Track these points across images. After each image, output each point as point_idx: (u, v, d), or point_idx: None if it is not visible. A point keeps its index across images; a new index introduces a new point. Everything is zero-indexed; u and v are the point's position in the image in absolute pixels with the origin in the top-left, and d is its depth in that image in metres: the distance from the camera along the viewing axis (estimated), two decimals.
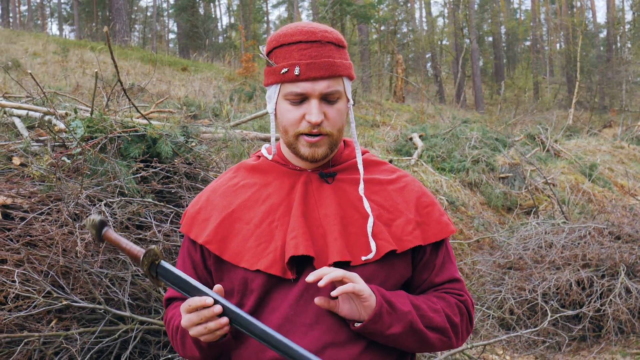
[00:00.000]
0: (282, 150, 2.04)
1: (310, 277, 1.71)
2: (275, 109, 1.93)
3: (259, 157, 2.10)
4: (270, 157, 2.06)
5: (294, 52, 1.86)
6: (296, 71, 1.84)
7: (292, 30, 1.89)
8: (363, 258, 1.85)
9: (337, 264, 1.83)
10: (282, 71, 1.86)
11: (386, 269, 1.88)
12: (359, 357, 1.81)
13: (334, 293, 1.72)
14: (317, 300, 1.74)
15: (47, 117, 5.50)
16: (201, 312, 1.72)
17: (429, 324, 1.87)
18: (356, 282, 1.74)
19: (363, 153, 2.09)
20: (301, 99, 1.86)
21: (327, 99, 1.87)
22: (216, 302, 1.72)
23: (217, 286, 1.77)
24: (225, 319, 1.71)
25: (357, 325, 1.78)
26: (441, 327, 1.90)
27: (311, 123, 1.85)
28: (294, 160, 2.01)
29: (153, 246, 1.78)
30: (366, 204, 1.92)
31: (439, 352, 5.54)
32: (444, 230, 1.98)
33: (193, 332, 1.76)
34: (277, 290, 1.86)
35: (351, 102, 1.99)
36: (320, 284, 1.70)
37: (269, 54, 1.93)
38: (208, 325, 1.73)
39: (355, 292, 1.73)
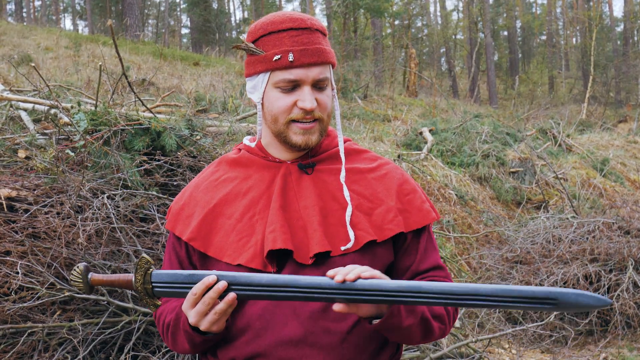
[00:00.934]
0: (263, 142, 2.05)
1: (339, 277, 1.69)
2: (262, 99, 1.93)
3: (240, 150, 2.11)
4: (253, 144, 2.06)
5: (285, 39, 1.86)
6: (290, 57, 1.84)
7: (280, 18, 1.90)
8: (342, 248, 1.85)
9: (317, 255, 1.84)
10: (275, 58, 1.85)
11: (368, 258, 1.88)
12: (340, 345, 1.82)
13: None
14: (337, 307, 1.71)
15: (52, 111, 5.56)
16: (206, 297, 1.72)
17: (433, 312, 1.88)
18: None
19: (345, 141, 2.09)
20: (292, 86, 1.87)
21: (317, 85, 1.89)
22: (218, 278, 1.73)
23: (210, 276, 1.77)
24: (232, 294, 1.72)
25: (375, 322, 1.78)
26: (441, 315, 1.91)
27: (305, 109, 1.86)
28: (274, 151, 2.01)
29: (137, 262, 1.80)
30: (346, 193, 1.93)
31: (445, 345, 5.56)
32: (426, 217, 1.99)
33: (204, 324, 1.77)
34: None
35: (335, 89, 2.00)
36: (349, 277, 1.68)
37: (254, 42, 1.92)
38: (217, 309, 1.73)
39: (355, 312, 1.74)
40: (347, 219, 1.89)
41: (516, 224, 9.56)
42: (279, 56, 1.85)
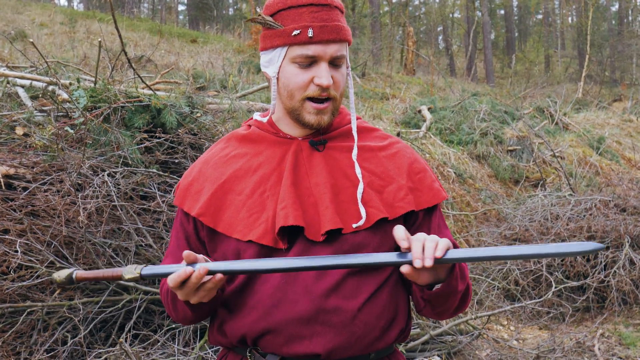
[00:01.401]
0: (274, 118, 2.01)
1: (428, 262, 1.63)
2: (278, 74, 1.89)
3: (249, 126, 2.07)
4: (265, 119, 2.02)
5: (304, 15, 1.83)
6: (310, 33, 1.81)
7: None
8: (354, 225, 1.82)
9: (328, 232, 1.81)
10: (294, 33, 1.82)
11: (379, 236, 1.85)
12: (351, 322, 1.80)
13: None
14: (404, 268, 1.66)
15: (50, 87, 5.46)
16: (188, 282, 1.69)
17: (467, 283, 1.88)
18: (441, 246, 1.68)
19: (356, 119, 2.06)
20: (310, 62, 1.84)
21: (334, 62, 1.86)
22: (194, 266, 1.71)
23: (185, 252, 1.71)
24: (219, 275, 1.70)
25: (437, 287, 1.76)
26: (470, 286, 1.91)
27: (322, 86, 1.82)
28: (285, 127, 1.98)
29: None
30: (357, 170, 1.90)
31: (444, 322, 5.54)
32: (436, 196, 1.96)
33: (195, 299, 1.75)
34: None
35: (349, 68, 1.97)
36: (438, 254, 1.65)
37: (272, 16, 1.88)
38: (206, 287, 1.72)
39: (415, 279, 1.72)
40: (359, 196, 1.86)
41: (514, 202, 9.53)
42: (298, 31, 1.82)
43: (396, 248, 1.89)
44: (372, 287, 1.85)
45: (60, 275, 1.82)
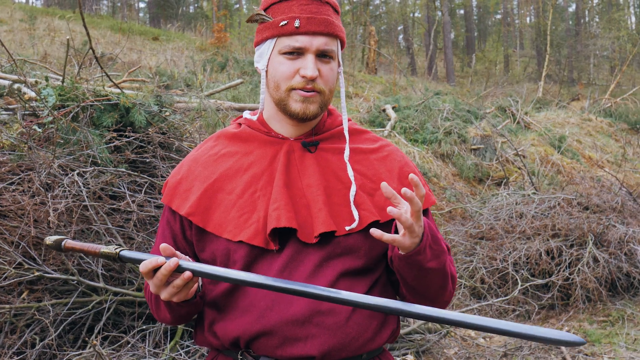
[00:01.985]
0: (265, 116, 2.00)
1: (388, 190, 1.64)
2: (267, 66, 1.90)
3: (239, 124, 2.05)
4: (255, 118, 2.01)
5: (294, 7, 1.85)
6: (296, 23, 1.82)
7: None
8: (347, 228, 1.83)
9: (322, 235, 1.81)
10: (281, 24, 1.84)
11: (370, 239, 1.85)
12: (345, 324, 1.80)
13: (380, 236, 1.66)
14: (373, 231, 1.65)
15: (16, 85, 5.35)
16: (159, 272, 1.69)
17: (451, 271, 1.89)
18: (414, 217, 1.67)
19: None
20: (297, 54, 1.84)
21: (322, 56, 1.86)
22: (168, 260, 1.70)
23: (163, 245, 1.71)
24: (188, 273, 1.69)
25: (402, 253, 1.74)
26: (454, 276, 1.91)
27: (306, 77, 1.82)
28: (277, 126, 1.97)
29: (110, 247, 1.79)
30: (350, 172, 1.89)
31: (412, 321, 5.57)
32: (427, 201, 1.95)
33: (164, 295, 1.74)
34: (260, 261, 1.83)
35: (342, 67, 1.97)
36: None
37: (265, 10, 1.91)
38: (175, 283, 1.71)
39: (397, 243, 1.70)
40: (352, 198, 1.86)
41: (479, 200, 9.62)
42: (285, 22, 1.84)
43: (387, 253, 1.90)
44: (363, 288, 1.85)
45: (50, 238, 1.85)
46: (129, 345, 4.19)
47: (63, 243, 1.84)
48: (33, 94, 4.72)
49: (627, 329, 6.30)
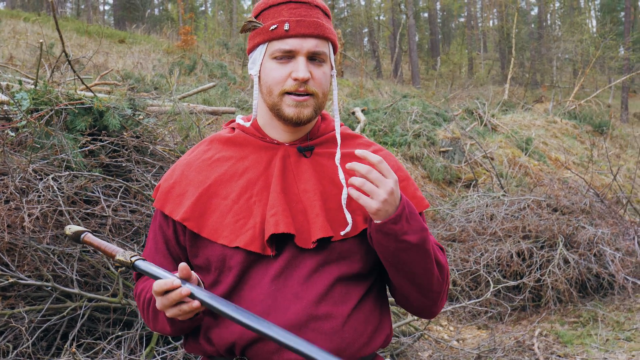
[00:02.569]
0: (260, 122, 1.99)
1: (350, 165, 1.68)
2: (260, 72, 1.90)
3: (233, 129, 2.04)
4: (248, 124, 2.00)
5: (283, 11, 1.86)
6: (285, 27, 1.83)
7: None
8: (342, 233, 1.82)
9: (319, 240, 1.81)
10: (271, 28, 1.84)
11: (366, 244, 1.85)
12: (342, 329, 1.79)
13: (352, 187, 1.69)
14: (353, 192, 1.68)
15: None
16: (170, 295, 1.68)
17: (435, 255, 1.85)
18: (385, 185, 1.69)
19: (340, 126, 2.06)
20: (288, 57, 1.85)
21: (314, 58, 1.86)
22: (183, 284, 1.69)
23: (182, 265, 1.70)
24: (196, 302, 1.68)
25: (378, 221, 1.72)
26: (443, 265, 1.88)
27: (298, 79, 1.82)
28: (272, 132, 1.96)
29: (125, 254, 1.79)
30: (341, 175, 1.89)
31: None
32: (420, 205, 1.97)
33: (169, 313, 1.73)
34: (256, 266, 1.81)
35: (334, 70, 1.97)
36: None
37: (256, 17, 1.91)
38: (182, 308, 1.70)
39: (361, 204, 1.70)
40: (343, 201, 1.86)
41: (449, 202, 9.68)
42: (275, 26, 1.84)
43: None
44: (359, 293, 1.85)
45: (71, 228, 1.88)
46: (104, 352, 4.14)
47: (82, 236, 1.86)
48: (5, 98, 4.64)
49: (599, 329, 6.39)
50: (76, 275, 4.18)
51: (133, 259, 1.75)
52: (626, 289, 7.23)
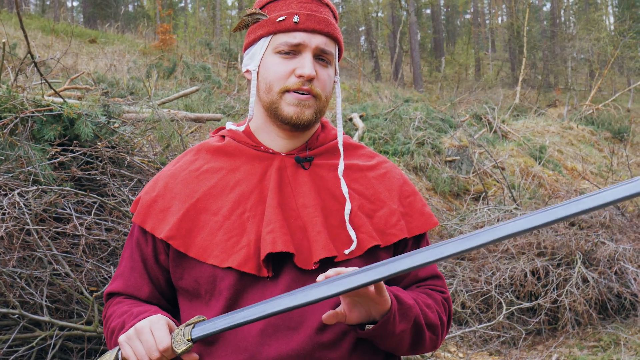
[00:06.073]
0: (252, 127, 1.99)
1: (321, 277, 1.66)
2: (259, 67, 1.91)
3: (223, 137, 2.03)
4: (242, 128, 1.99)
5: (292, 4, 1.88)
6: (295, 19, 1.84)
7: None
8: (346, 252, 1.81)
9: (322, 261, 1.79)
10: (278, 19, 1.85)
11: (371, 263, 1.80)
12: (349, 357, 1.79)
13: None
14: (325, 317, 1.68)
15: None
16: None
17: (426, 320, 1.85)
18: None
19: None
20: (294, 53, 1.85)
21: (320, 57, 1.87)
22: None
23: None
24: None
25: (369, 327, 1.74)
26: (434, 325, 1.88)
27: (303, 77, 1.82)
28: (266, 138, 1.95)
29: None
30: (344, 187, 1.89)
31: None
32: (428, 222, 1.97)
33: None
34: (251, 290, 1.79)
35: (338, 76, 1.98)
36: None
37: (261, 9, 1.93)
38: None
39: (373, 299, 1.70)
40: (347, 217, 1.85)
41: (457, 217, 9.69)
42: (283, 17, 1.85)
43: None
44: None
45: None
46: None
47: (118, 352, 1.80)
48: None
49: (621, 354, 6.38)
50: (46, 302, 4.15)
51: (193, 334, 1.72)
52: None
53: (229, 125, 2.06)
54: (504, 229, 1.57)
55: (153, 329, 1.70)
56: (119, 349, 1.78)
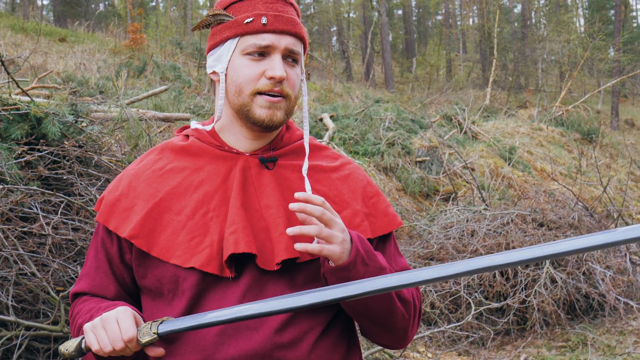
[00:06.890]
0: (217, 129, 1.99)
1: (294, 206, 1.68)
2: (227, 69, 1.90)
3: (187, 136, 2.03)
4: (209, 127, 1.99)
5: (258, 4, 1.87)
6: (263, 20, 1.84)
7: None
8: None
9: (284, 262, 1.80)
10: (246, 21, 1.85)
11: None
12: (308, 356, 1.79)
13: (299, 247, 1.69)
14: (298, 246, 1.68)
15: None
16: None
17: (399, 292, 1.85)
18: (333, 239, 1.71)
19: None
20: (262, 54, 1.86)
21: (288, 58, 1.88)
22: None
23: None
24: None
25: (332, 264, 1.75)
26: (407, 300, 1.88)
27: (274, 78, 1.83)
28: (231, 139, 1.96)
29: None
30: (307, 187, 1.89)
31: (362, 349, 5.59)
32: (392, 223, 1.99)
33: (102, 353, 1.74)
34: (213, 290, 1.80)
35: (304, 74, 2.00)
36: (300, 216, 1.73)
37: (225, 10, 1.91)
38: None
39: (325, 254, 1.71)
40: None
41: (426, 217, 9.74)
42: (250, 19, 1.85)
43: None
44: (326, 319, 1.86)
45: (68, 348, 1.81)
46: None
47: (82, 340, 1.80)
48: None
49: (588, 354, 6.46)
50: (12, 301, 4.12)
51: (160, 328, 1.73)
52: (618, 310, 7.33)
53: (194, 124, 2.06)
54: (478, 262, 1.64)
55: (119, 319, 1.71)
56: (83, 337, 1.78)
